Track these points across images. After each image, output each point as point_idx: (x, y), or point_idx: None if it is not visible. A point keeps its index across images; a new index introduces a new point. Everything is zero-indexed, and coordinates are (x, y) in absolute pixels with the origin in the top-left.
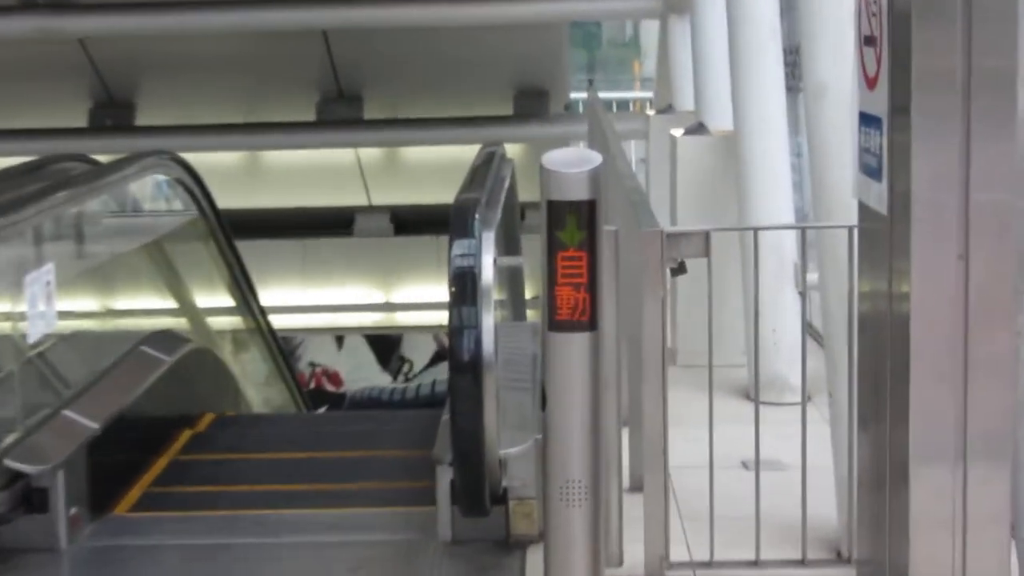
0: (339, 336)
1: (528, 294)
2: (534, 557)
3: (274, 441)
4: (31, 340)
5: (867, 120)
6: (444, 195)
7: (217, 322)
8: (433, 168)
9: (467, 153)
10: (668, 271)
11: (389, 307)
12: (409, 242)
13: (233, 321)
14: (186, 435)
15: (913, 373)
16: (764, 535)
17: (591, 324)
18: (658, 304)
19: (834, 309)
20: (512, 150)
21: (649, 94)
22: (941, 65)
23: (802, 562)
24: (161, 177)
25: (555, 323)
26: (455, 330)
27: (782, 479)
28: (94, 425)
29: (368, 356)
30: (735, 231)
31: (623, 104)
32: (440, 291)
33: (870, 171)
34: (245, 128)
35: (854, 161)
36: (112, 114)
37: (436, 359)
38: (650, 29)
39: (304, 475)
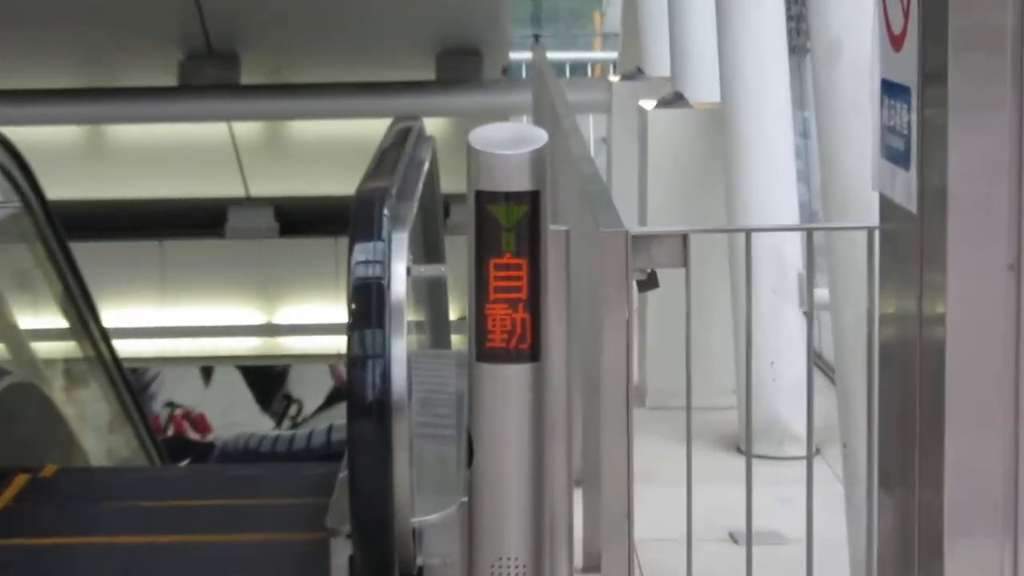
0: (206, 368)
1: (453, 314)
2: None
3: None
4: None
5: (892, 90)
6: (344, 184)
7: (45, 349)
8: (330, 149)
9: (374, 130)
10: (635, 284)
11: (272, 330)
12: (298, 245)
13: (66, 348)
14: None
15: (949, 418)
16: None
17: (532, 354)
18: (622, 327)
19: (849, 334)
20: (434, 126)
21: (613, 55)
22: (986, 18)
23: None
24: None
25: (486, 352)
26: (356, 361)
27: (782, 555)
28: None
29: (244, 394)
30: (723, 233)
31: (579, 67)
32: (338, 310)
33: (895, 156)
34: (85, 95)
35: (875, 143)
36: None
37: (333, 399)
38: None
39: (167, 526)
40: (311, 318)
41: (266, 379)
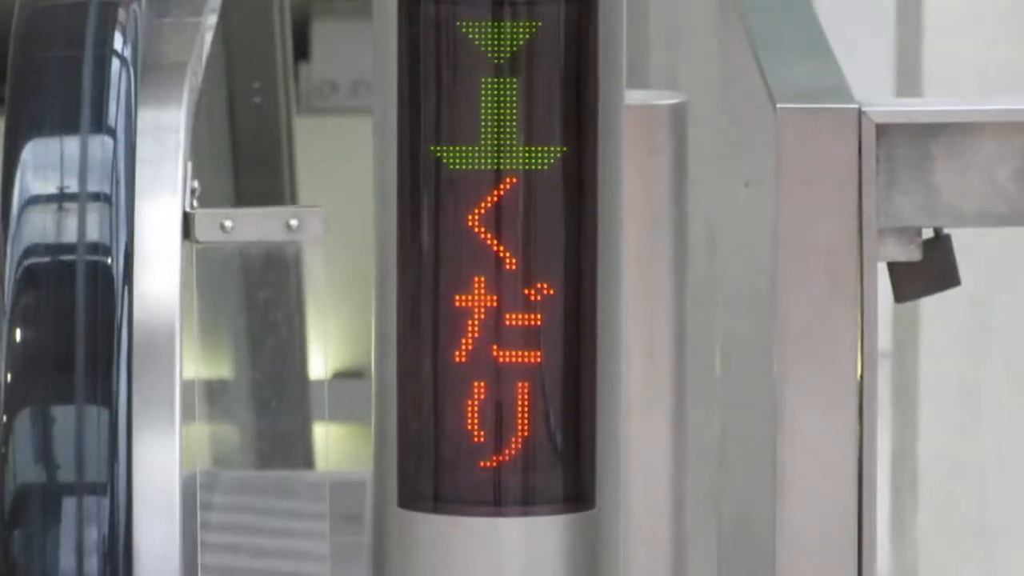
0: None
1: (321, 365)
2: None
3: None
4: None
5: None
6: None
7: None
8: None
9: None
10: (888, 275)
11: None
12: None
13: None
14: None
15: None
16: None
17: (572, 488)
18: (848, 405)
19: None
20: None
21: None
22: None
23: None
24: None
25: (428, 487)
26: (19, 507)
27: None
28: None
29: None
30: None
31: None
32: None
33: None
34: None
35: None
36: None
37: None
38: None
39: None
40: None
41: None
